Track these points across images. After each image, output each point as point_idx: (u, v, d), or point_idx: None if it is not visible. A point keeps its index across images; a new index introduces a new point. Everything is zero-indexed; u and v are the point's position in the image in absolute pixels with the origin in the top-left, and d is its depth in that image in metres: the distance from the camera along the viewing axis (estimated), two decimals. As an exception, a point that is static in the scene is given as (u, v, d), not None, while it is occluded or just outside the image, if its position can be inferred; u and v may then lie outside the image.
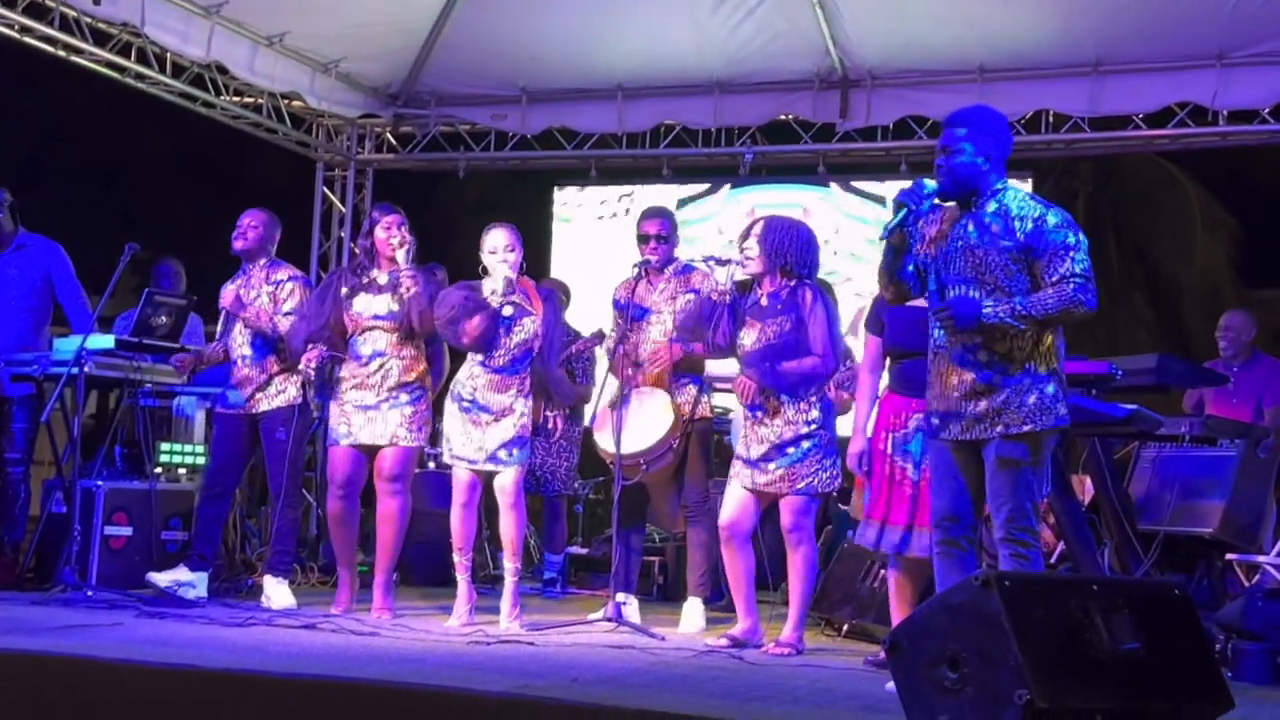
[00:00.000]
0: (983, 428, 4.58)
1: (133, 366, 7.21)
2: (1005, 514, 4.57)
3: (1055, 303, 4.48)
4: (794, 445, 5.81)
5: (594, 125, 10.43)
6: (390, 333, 6.51)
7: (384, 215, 6.64)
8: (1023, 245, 4.54)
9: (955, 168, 4.63)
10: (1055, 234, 4.52)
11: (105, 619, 5.82)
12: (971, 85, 9.39)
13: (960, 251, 4.64)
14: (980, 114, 4.80)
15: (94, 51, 8.81)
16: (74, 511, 6.74)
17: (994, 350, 4.56)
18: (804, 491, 5.82)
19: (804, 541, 5.86)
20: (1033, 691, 3.43)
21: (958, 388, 4.62)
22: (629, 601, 6.54)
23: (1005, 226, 4.57)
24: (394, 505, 6.51)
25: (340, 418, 6.54)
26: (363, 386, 6.50)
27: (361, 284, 6.58)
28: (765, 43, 9.58)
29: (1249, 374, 8.02)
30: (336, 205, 11.07)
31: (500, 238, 6.33)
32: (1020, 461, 4.54)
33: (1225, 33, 8.68)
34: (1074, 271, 4.48)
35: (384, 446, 6.48)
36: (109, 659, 4.64)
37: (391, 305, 6.50)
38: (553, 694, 4.23)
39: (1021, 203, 4.62)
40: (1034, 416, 4.54)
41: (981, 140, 4.65)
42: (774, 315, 5.88)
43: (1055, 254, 4.50)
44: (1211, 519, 6.93)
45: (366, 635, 5.69)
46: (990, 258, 4.57)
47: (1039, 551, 4.63)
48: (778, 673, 5.13)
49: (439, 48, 10.09)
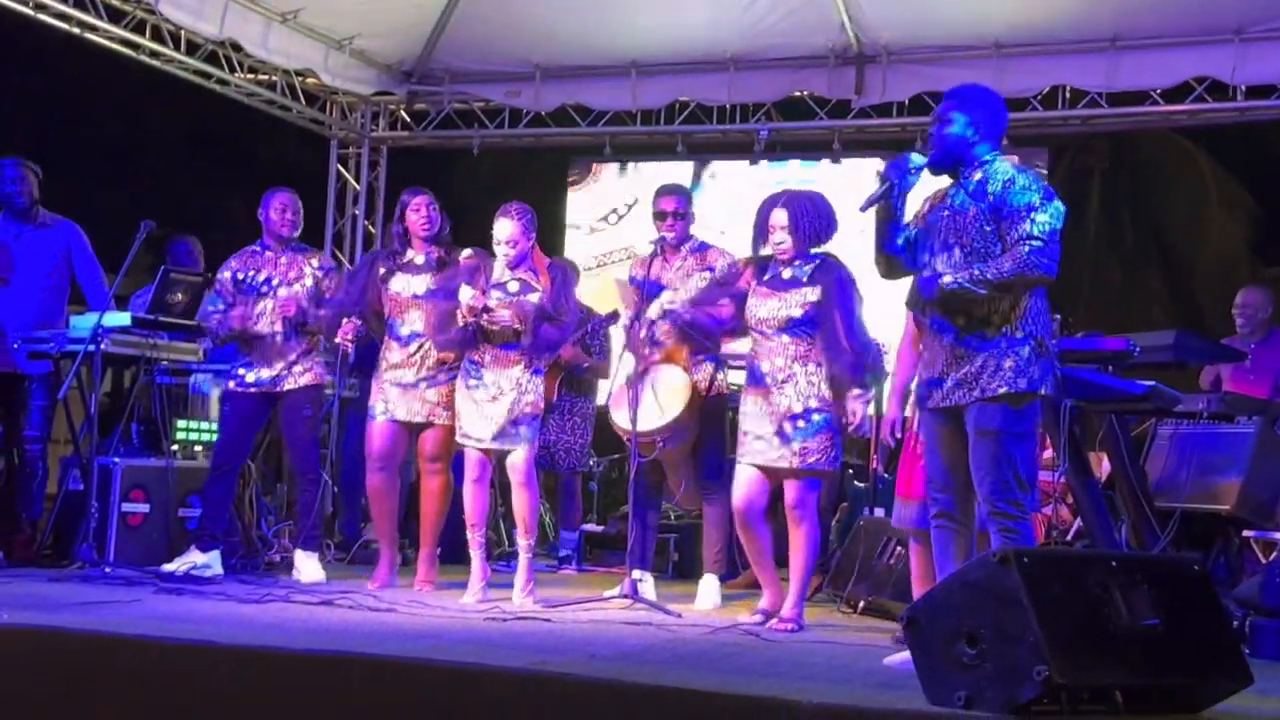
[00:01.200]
0: (962, 393, 4.61)
1: (149, 344, 7.22)
2: (987, 488, 4.57)
3: (1010, 266, 4.50)
4: (805, 419, 5.79)
5: (608, 102, 10.42)
6: (429, 313, 6.50)
7: (412, 197, 6.74)
8: (993, 206, 4.59)
9: (945, 137, 4.72)
10: (1020, 195, 4.55)
11: (123, 595, 5.83)
12: (988, 61, 9.37)
13: (944, 220, 4.70)
14: (974, 89, 4.89)
15: (108, 29, 8.82)
16: (91, 489, 6.77)
17: (972, 315, 4.61)
18: (813, 467, 5.81)
19: (806, 519, 5.87)
20: (1051, 667, 3.43)
21: (939, 354, 4.68)
22: (645, 578, 6.54)
23: (981, 191, 4.63)
24: (436, 484, 6.66)
25: (379, 394, 6.63)
26: (403, 366, 6.57)
27: (398, 265, 6.64)
28: (780, 18, 9.55)
29: (1266, 350, 7.99)
30: (351, 183, 11.07)
31: (504, 229, 6.35)
32: (998, 431, 4.54)
33: (1243, 7, 8.65)
34: (1030, 233, 4.50)
35: (421, 424, 6.57)
36: (127, 635, 4.65)
37: (430, 285, 6.53)
38: (571, 670, 4.23)
39: (1000, 168, 4.67)
40: (1009, 380, 4.54)
41: (973, 112, 4.72)
42: (798, 286, 5.85)
43: (1017, 214, 4.54)
44: (1229, 496, 6.90)
45: (383, 611, 5.70)
46: (966, 221, 4.63)
47: (1029, 525, 4.62)
48: (793, 649, 5.13)
49: (453, 24, 10.08)
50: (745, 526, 5.97)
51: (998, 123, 4.78)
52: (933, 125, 4.79)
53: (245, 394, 6.93)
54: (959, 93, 4.83)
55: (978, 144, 4.71)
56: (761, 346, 5.91)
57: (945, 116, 4.74)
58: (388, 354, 6.64)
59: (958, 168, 4.72)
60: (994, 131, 4.75)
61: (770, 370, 5.84)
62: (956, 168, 4.73)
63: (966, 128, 4.70)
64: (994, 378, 4.56)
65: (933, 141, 4.76)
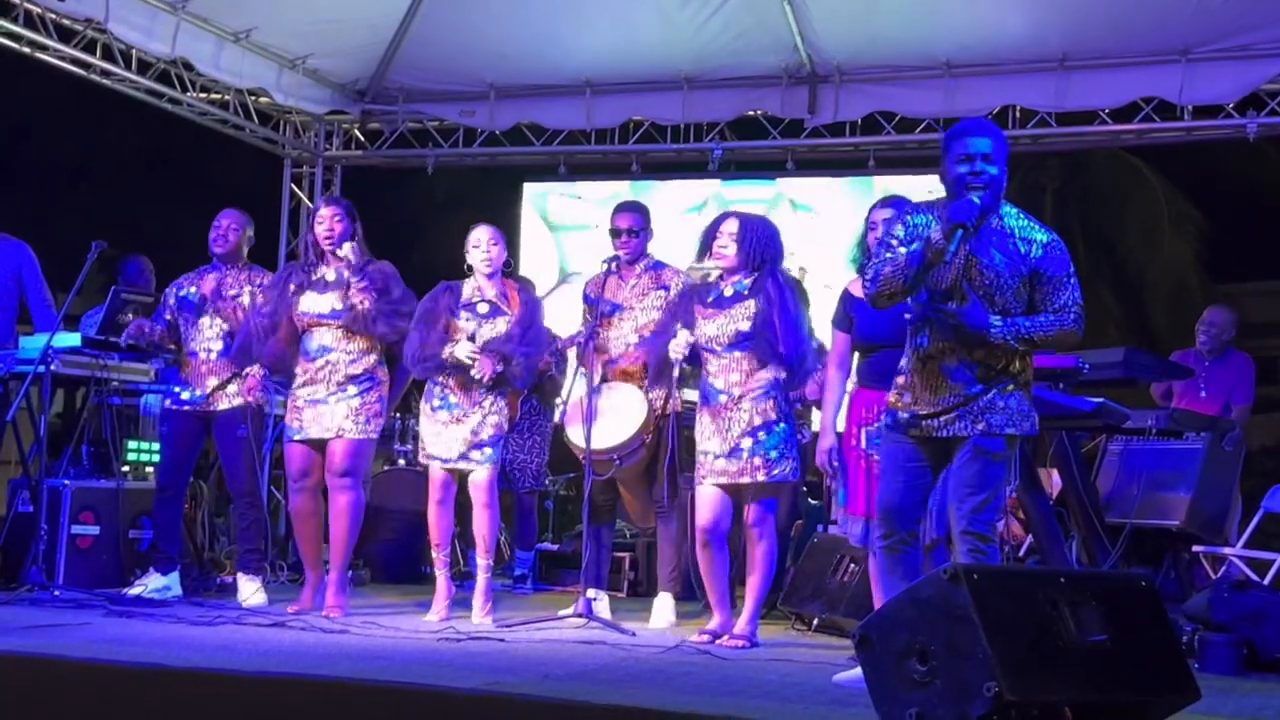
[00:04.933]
0: (963, 425, 4.60)
1: (99, 365, 7.16)
2: (971, 504, 4.59)
3: (1055, 329, 4.58)
4: (766, 430, 5.82)
5: (562, 121, 10.42)
6: (336, 329, 6.46)
7: (321, 207, 6.68)
8: (1031, 268, 4.59)
9: (995, 179, 4.59)
10: (1061, 261, 4.60)
11: (72, 618, 5.79)
12: (939, 80, 9.44)
13: (966, 266, 4.59)
14: (996, 127, 4.79)
15: (59, 48, 8.75)
16: (41, 511, 6.70)
17: (991, 362, 4.60)
18: (778, 479, 5.83)
19: (766, 536, 5.90)
20: (1001, 684, 3.44)
21: (944, 391, 4.63)
22: (599, 597, 6.54)
23: (1015, 247, 4.59)
24: (344, 500, 6.43)
25: (293, 414, 6.52)
26: (312, 382, 6.46)
27: (310, 281, 6.55)
28: (733, 38, 9.59)
29: (1220, 369, 8.04)
30: (305, 202, 11.02)
31: (483, 233, 6.48)
32: (990, 453, 4.58)
33: (1190, 28, 8.73)
34: (1075, 299, 4.60)
35: (332, 440, 6.44)
36: (76, 658, 4.62)
37: (335, 304, 6.45)
38: (524, 690, 4.23)
39: (1022, 222, 4.64)
40: (1015, 421, 4.61)
41: (1004, 156, 4.65)
42: (739, 300, 5.89)
43: (1060, 282, 4.59)
44: (1178, 511, 6.98)
45: (336, 633, 5.67)
46: (1002, 280, 4.57)
47: (997, 548, 4.66)
48: (748, 667, 5.14)
49: (407, 43, 10.05)
50: (706, 546, 5.96)
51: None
52: (978, 163, 4.55)
53: (180, 412, 6.87)
54: (992, 129, 4.67)
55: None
56: (713, 365, 5.93)
57: (993, 155, 4.57)
58: (298, 370, 6.52)
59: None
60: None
61: (725, 388, 5.87)
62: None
63: (1003, 172, 4.61)
64: (999, 416, 4.58)
65: (983, 181, 4.53)
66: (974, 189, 4.55)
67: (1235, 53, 8.79)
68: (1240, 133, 9.17)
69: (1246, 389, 7.98)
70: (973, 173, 4.56)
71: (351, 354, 6.46)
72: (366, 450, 6.62)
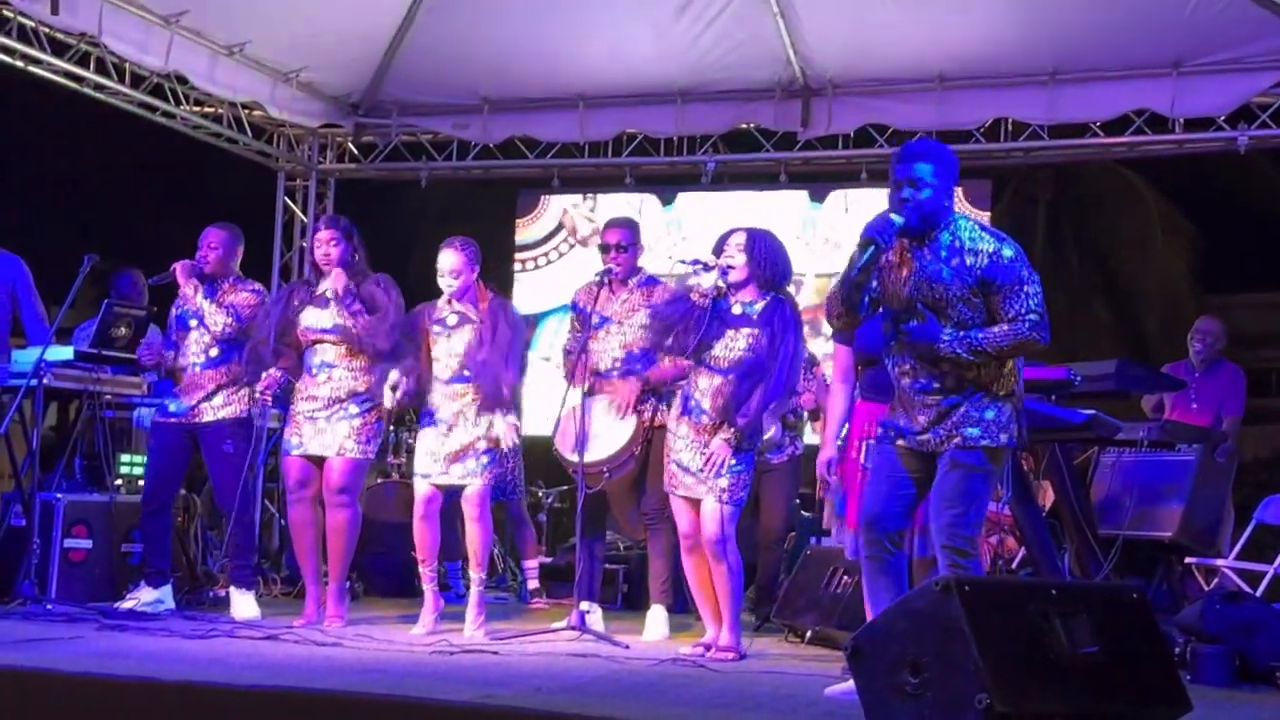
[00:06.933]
0: (938, 440, 4.64)
1: (92, 378, 7.15)
2: (949, 518, 4.61)
3: (1010, 339, 4.55)
4: (739, 461, 5.82)
5: (556, 134, 10.43)
6: (338, 345, 6.52)
7: (319, 230, 6.74)
8: (979, 279, 4.57)
9: (924, 203, 4.61)
10: (1011, 270, 4.56)
11: (65, 632, 5.78)
12: (931, 93, 9.46)
13: (918, 282, 4.64)
14: (941, 149, 4.83)
15: (52, 61, 8.75)
16: (33, 525, 6.70)
17: (961, 376, 4.61)
18: (735, 502, 5.83)
19: (732, 550, 5.86)
20: (992, 695, 3.46)
21: (919, 409, 4.68)
22: (592, 610, 6.53)
23: (961, 260, 4.60)
24: (342, 517, 6.51)
25: (293, 429, 6.56)
26: (313, 399, 6.51)
27: (312, 296, 6.61)
28: (726, 52, 9.61)
29: (1211, 380, 8.06)
30: (298, 215, 11.03)
31: (447, 260, 6.41)
32: (970, 467, 4.59)
33: (1181, 41, 8.76)
34: (1030, 308, 4.54)
35: (332, 457, 6.48)
36: (69, 672, 4.62)
37: (337, 319, 6.51)
38: (516, 703, 4.23)
39: (973, 234, 4.64)
40: (991, 433, 4.60)
41: (944, 176, 4.66)
42: (748, 325, 5.85)
43: (1012, 290, 4.55)
44: (1171, 523, 7.00)
45: (329, 646, 5.67)
46: (950, 292, 4.59)
47: (978, 562, 4.67)
48: (740, 680, 5.14)
49: (400, 57, 10.06)
50: (691, 552, 5.97)
51: (955, 178, 4.75)
52: (905, 190, 4.62)
53: (166, 425, 6.85)
54: (931, 153, 4.72)
55: (947, 204, 4.68)
56: (703, 383, 5.87)
57: (920, 180, 4.61)
58: (300, 386, 6.59)
59: (930, 231, 4.65)
60: (953, 188, 4.74)
61: (710, 409, 5.84)
62: (929, 231, 4.64)
63: (940, 193, 4.63)
64: (974, 428, 4.59)
65: (910, 206, 4.61)
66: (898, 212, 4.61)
67: (1226, 66, 8.82)
68: (1231, 145, 9.19)
69: (1237, 401, 8.00)
70: (900, 199, 4.62)
71: (353, 371, 6.51)
72: (364, 469, 6.70)
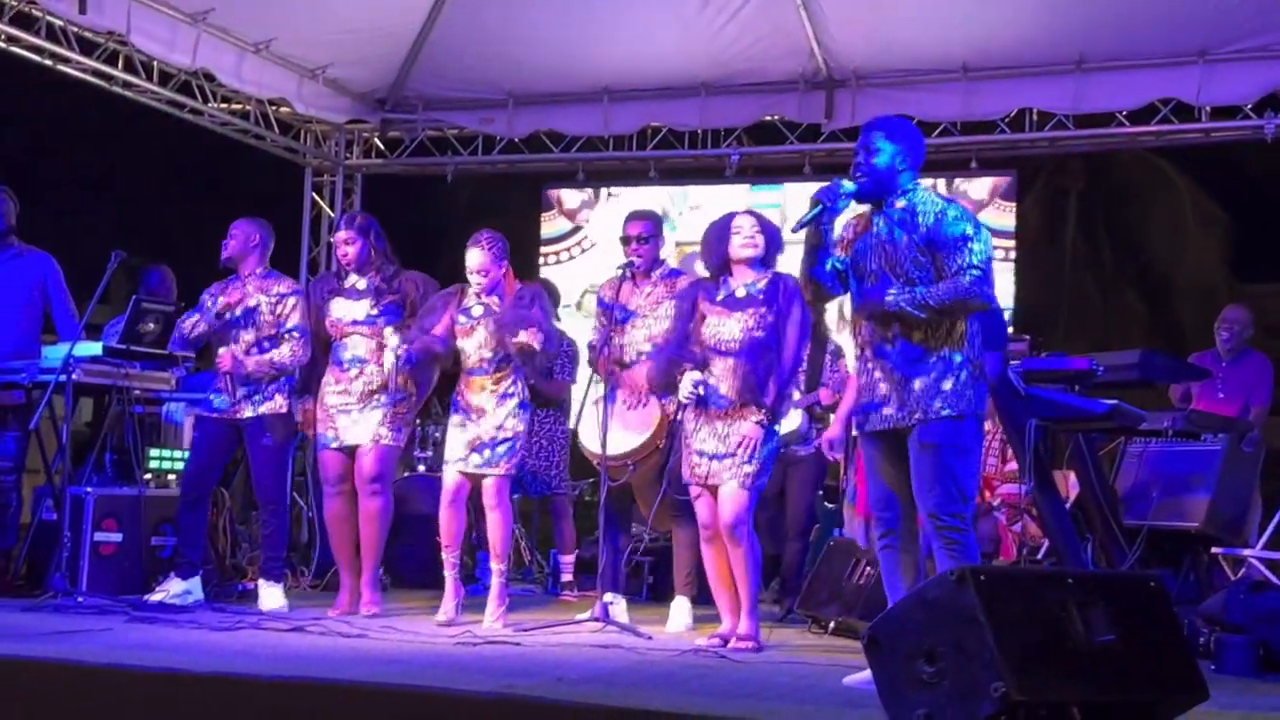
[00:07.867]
0: (903, 415, 4.72)
1: (121, 373, 7.21)
2: (931, 503, 4.68)
3: (951, 293, 4.67)
4: (764, 444, 5.81)
5: (580, 128, 10.47)
6: (369, 338, 6.58)
7: (340, 229, 6.82)
8: (925, 238, 4.74)
9: (875, 168, 4.84)
10: (954, 226, 4.73)
11: (95, 624, 5.83)
12: (956, 84, 9.45)
13: (874, 248, 4.83)
14: (898, 121, 5.07)
15: (81, 60, 8.84)
16: (64, 518, 6.75)
17: (910, 340, 4.72)
18: (755, 489, 5.83)
19: (749, 535, 5.84)
20: (1009, 684, 3.46)
21: (879, 379, 4.78)
22: (616, 601, 6.55)
23: (911, 221, 4.77)
24: (375, 505, 6.60)
25: (326, 422, 6.64)
26: (345, 392, 6.60)
27: (341, 288, 6.66)
28: (750, 44, 9.62)
29: (1239, 369, 8.02)
30: (325, 210, 11.10)
31: (474, 258, 6.43)
32: (939, 445, 4.66)
33: (1207, 29, 8.73)
34: (970, 263, 4.68)
35: (365, 445, 6.56)
36: (98, 664, 4.66)
37: (370, 310, 6.59)
38: (539, 693, 4.25)
39: (925, 199, 4.83)
40: (951, 402, 4.68)
41: (899, 143, 4.86)
42: (754, 305, 5.86)
43: (954, 246, 4.71)
44: (1197, 513, 6.97)
45: (354, 637, 5.71)
46: (899, 252, 4.76)
47: (972, 537, 4.73)
48: (760, 670, 5.16)
49: (425, 52, 10.12)
50: (710, 542, 5.96)
51: (919, 153, 4.93)
52: (860, 155, 4.88)
53: (210, 419, 6.91)
54: (884, 124, 4.97)
55: (903, 173, 4.86)
56: (718, 367, 5.86)
57: (873, 147, 4.86)
58: (329, 379, 6.66)
59: (884, 196, 4.85)
60: (916, 161, 4.91)
61: (728, 394, 5.84)
62: (883, 196, 4.85)
63: (894, 158, 4.84)
64: (935, 400, 4.68)
65: (861, 170, 4.86)
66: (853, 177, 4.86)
67: (1253, 53, 8.79)
68: (1259, 133, 9.17)
69: (1265, 390, 7.97)
70: (854, 164, 4.89)
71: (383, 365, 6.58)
72: (396, 457, 6.81)
